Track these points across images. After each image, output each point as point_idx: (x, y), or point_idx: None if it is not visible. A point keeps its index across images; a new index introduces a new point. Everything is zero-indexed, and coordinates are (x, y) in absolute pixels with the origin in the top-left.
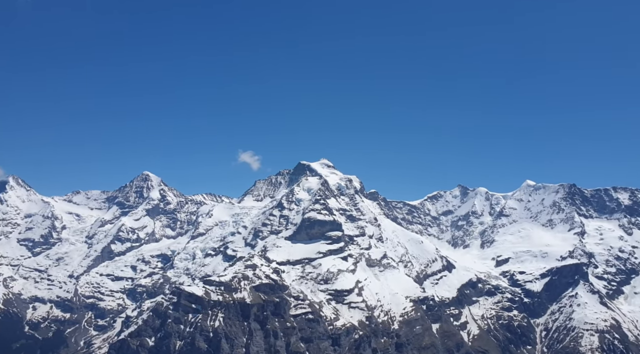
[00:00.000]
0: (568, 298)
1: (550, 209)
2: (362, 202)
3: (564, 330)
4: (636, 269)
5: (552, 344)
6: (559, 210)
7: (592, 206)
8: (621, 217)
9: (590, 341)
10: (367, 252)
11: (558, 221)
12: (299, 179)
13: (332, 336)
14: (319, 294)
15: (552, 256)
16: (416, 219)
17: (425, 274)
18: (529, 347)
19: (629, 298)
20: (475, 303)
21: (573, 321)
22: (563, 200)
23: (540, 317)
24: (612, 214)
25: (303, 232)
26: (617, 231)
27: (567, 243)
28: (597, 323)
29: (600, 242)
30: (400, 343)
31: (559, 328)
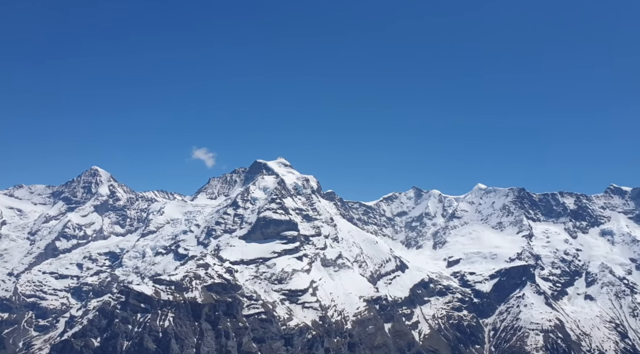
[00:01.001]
0: (515, 298)
1: (500, 212)
2: (319, 202)
3: (511, 330)
4: (579, 271)
5: (500, 343)
6: (508, 213)
7: (539, 210)
8: (567, 221)
9: (536, 340)
10: (323, 252)
11: (507, 224)
12: (255, 178)
13: (285, 336)
14: (273, 294)
15: (501, 257)
16: (372, 219)
17: (379, 274)
18: (478, 346)
19: (572, 298)
20: (426, 303)
21: (520, 321)
22: (512, 203)
23: (489, 317)
24: (559, 218)
25: (258, 232)
26: (562, 234)
27: (515, 245)
28: (542, 323)
29: (547, 244)
30: (352, 342)
31: (507, 328)
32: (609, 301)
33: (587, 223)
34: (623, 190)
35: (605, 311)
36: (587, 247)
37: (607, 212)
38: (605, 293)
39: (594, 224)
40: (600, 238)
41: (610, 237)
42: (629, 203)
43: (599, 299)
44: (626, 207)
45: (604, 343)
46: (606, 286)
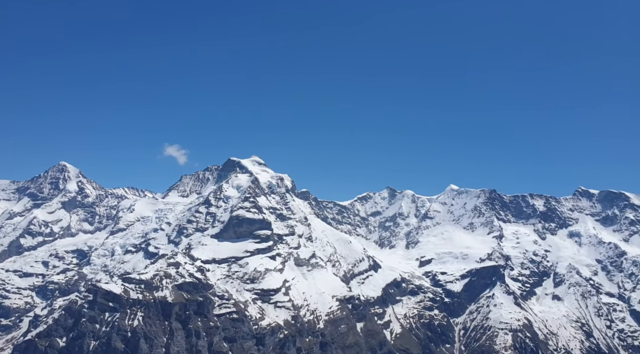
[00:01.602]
0: (486, 298)
1: (472, 213)
2: (293, 202)
3: (481, 329)
4: (548, 272)
5: (470, 342)
6: (479, 214)
7: (510, 211)
8: (536, 222)
9: (505, 339)
10: (296, 251)
11: (478, 225)
12: (228, 176)
13: (256, 335)
14: (245, 294)
15: (472, 257)
16: (346, 219)
17: (352, 273)
18: (448, 345)
19: (540, 298)
20: (398, 302)
21: (489, 321)
22: (484, 205)
23: (459, 316)
24: (528, 219)
25: (230, 231)
26: (532, 235)
27: (486, 246)
28: (511, 323)
29: (517, 245)
30: (325, 342)
31: (477, 327)
32: (575, 301)
33: (556, 225)
34: (591, 193)
35: (572, 311)
36: (556, 249)
37: (575, 215)
38: (572, 293)
39: (562, 226)
40: (568, 240)
41: (577, 239)
42: (596, 206)
43: (566, 299)
44: (593, 210)
45: (570, 342)
46: (573, 286)
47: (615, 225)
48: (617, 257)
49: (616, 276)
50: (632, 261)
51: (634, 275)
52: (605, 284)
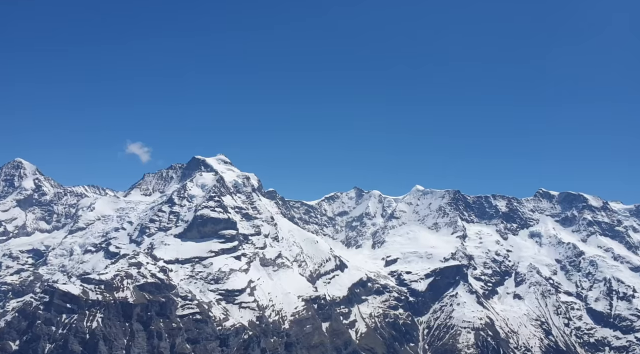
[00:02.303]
0: (449, 297)
1: (436, 213)
2: (259, 201)
3: (444, 328)
4: (509, 272)
5: (433, 341)
6: (444, 214)
7: (473, 212)
8: (498, 223)
9: (467, 338)
10: (262, 251)
11: (443, 225)
12: (192, 175)
13: (220, 336)
14: (209, 294)
15: (436, 257)
16: (313, 219)
17: (318, 273)
18: (412, 344)
19: (502, 297)
20: (364, 302)
21: (453, 320)
22: (448, 205)
23: (423, 315)
24: (491, 219)
25: (194, 230)
26: (494, 235)
27: (450, 245)
28: (474, 321)
29: (480, 245)
30: (290, 342)
31: (440, 326)
32: (535, 300)
33: (518, 225)
34: (551, 194)
35: (532, 310)
36: (517, 249)
37: (536, 215)
38: (533, 292)
39: (523, 226)
40: (529, 240)
41: (538, 239)
42: (556, 207)
43: (527, 298)
44: (553, 211)
45: (530, 340)
46: (533, 285)
47: (574, 226)
48: (575, 257)
49: (574, 276)
50: (590, 261)
51: (591, 274)
52: (564, 284)
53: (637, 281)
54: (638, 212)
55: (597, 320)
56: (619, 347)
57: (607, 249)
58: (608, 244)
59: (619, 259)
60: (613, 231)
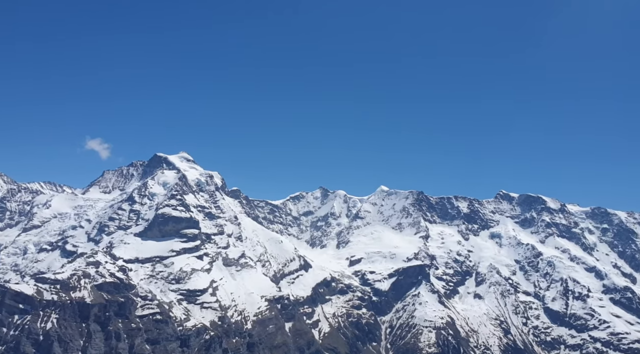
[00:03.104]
0: (411, 297)
1: (400, 214)
2: (223, 200)
3: (406, 327)
4: (470, 272)
5: (395, 340)
6: (407, 215)
7: (436, 213)
8: (460, 223)
9: (429, 337)
10: (225, 251)
11: (406, 225)
12: (154, 172)
13: (181, 337)
14: (170, 294)
15: (400, 257)
16: (277, 218)
17: (282, 273)
18: (375, 344)
19: (463, 297)
20: (328, 302)
21: (415, 319)
22: (412, 206)
23: (386, 315)
24: (453, 220)
25: (155, 229)
26: (456, 236)
27: (413, 246)
28: (435, 320)
29: (442, 245)
30: (252, 342)
31: (402, 325)
32: (495, 299)
33: (479, 226)
34: (511, 196)
35: (492, 309)
36: (478, 249)
37: (497, 217)
38: (492, 292)
39: (484, 227)
40: (490, 240)
41: (498, 240)
42: (515, 208)
43: (487, 297)
44: (513, 212)
45: (490, 338)
46: (493, 285)
47: (533, 227)
48: (533, 257)
49: (532, 276)
50: (547, 262)
51: (548, 275)
52: (522, 284)
53: (592, 281)
54: (594, 215)
55: (554, 319)
56: (573, 345)
57: (564, 250)
58: (565, 245)
59: (575, 260)
60: (570, 233)
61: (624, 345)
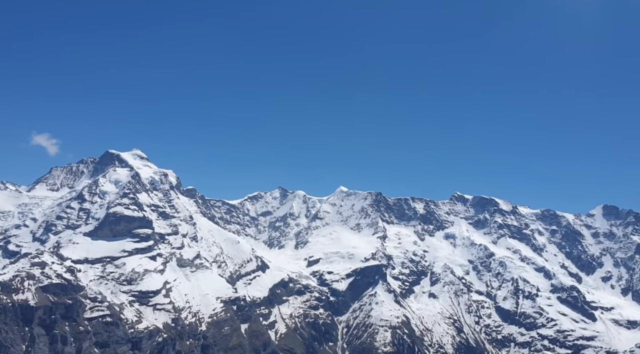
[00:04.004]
0: (368, 296)
1: (359, 214)
2: (178, 199)
3: (363, 327)
4: (425, 271)
5: (352, 340)
6: (366, 215)
7: (393, 213)
8: (416, 224)
9: (384, 336)
10: (179, 251)
11: (365, 226)
12: (105, 170)
13: (132, 339)
14: (121, 296)
15: (358, 257)
16: (234, 218)
17: (239, 274)
18: (331, 344)
19: (418, 296)
20: (285, 302)
21: (371, 318)
22: (370, 206)
23: (343, 315)
24: (410, 221)
25: (106, 228)
26: (412, 236)
27: (370, 246)
28: (391, 320)
29: (398, 246)
30: (206, 344)
31: (359, 325)
32: (449, 298)
33: (434, 227)
34: (465, 198)
35: (446, 308)
36: (433, 249)
37: (451, 218)
38: (446, 292)
39: (439, 228)
40: (445, 241)
41: (452, 241)
42: (469, 210)
43: (441, 297)
44: (467, 214)
45: (443, 337)
46: (447, 285)
47: (486, 228)
48: (486, 258)
49: (485, 276)
50: (499, 262)
51: (500, 275)
52: (475, 283)
53: (541, 281)
54: (543, 217)
55: (505, 318)
56: (522, 343)
57: (515, 251)
58: (516, 246)
59: (525, 260)
60: (521, 234)
61: (569, 342)
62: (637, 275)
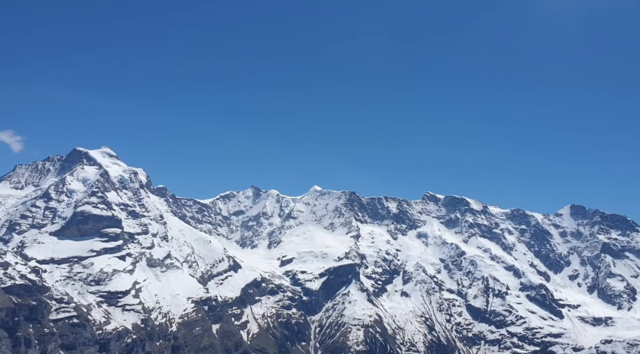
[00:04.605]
0: (341, 295)
1: (333, 214)
2: (148, 198)
3: (336, 326)
4: (398, 270)
5: (324, 339)
6: (339, 215)
7: (367, 213)
8: (389, 223)
9: (357, 335)
10: (149, 251)
11: (338, 225)
12: (73, 168)
13: (100, 341)
14: (89, 297)
15: (331, 256)
16: (206, 218)
17: (210, 274)
18: (304, 343)
19: (390, 295)
20: (257, 302)
21: (344, 317)
22: (344, 206)
23: (316, 314)
24: (383, 220)
25: (74, 228)
26: (385, 235)
27: (344, 245)
28: (364, 319)
29: (372, 245)
30: (177, 345)
31: (332, 324)
32: (421, 297)
33: (407, 226)
34: (437, 197)
35: (418, 307)
36: (406, 248)
37: (424, 217)
38: (418, 290)
39: (412, 227)
40: (417, 240)
41: (425, 239)
42: (441, 209)
43: (413, 295)
44: (439, 213)
45: (415, 335)
46: (419, 283)
47: (457, 227)
48: (457, 256)
49: (456, 274)
50: (470, 260)
51: (470, 273)
52: (446, 281)
53: (510, 279)
54: (513, 216)
55: (475, 316)
56: (492, 340)
57: (486, 250)
58: (486, 245)
59: (495, 259)
60: (491, 233)
61: (537, 339)
62: (603, 273)
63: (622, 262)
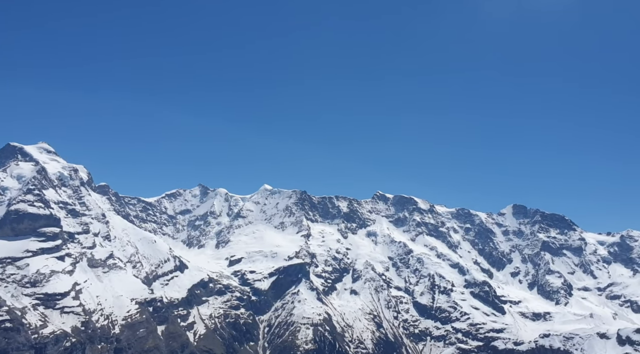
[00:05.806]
0: (291, 295)
1: (283, 213)
2: (89, 196)
3: (285, 325)
4: (347, 268)
5: (273, 339)
6: (290, 214)
7: (318, 212)
8: (340, 222)
9: (306, 334)
10: (90, 251)
11: (289, 224)
12: (7, 164)
13: (35, 345)
14: (23, 299)
15: (281, 256)
16: (151, 217)
17: (155, 275)
18: (252, 343)
19: (340, 293)
20: (204, 303)
21: (293, 317)
22: (295, 205)
23: (265, 314)
24: (333, 219)
25: (7, 227)
26: (336, 234)
27: (294, 244)
28: (313, 317)
29: (322, 244)
30: (120, 347)
31: (281, 324)
32: (369, 295)
33: (357, 225)
34: (386, 197)
35: (366, 304)
36: (355, 247)
37: (373, 216)
38: (367, 288)
39: (362, 226)
40: (366, 238)
41: (374, 238)
42: (390, 208)
43: (362, 293)
44: (388, 212)
45: (363, 333)
46: (368, 281)
47: (405, 226)
48: (405, 254)
49: (404, 272)
50: (417, 258)
51: (417, 270)
52: (394, 279)
53: (455, 276)
54: (458, 215)
55: (422, 312)
56: (438, 336)
57: (432, 248)
58: (433, 243)
59: (441, 257)
60: (437, 232)
61: (480, 334)
62: (542, 270)
63: (560, 260)
